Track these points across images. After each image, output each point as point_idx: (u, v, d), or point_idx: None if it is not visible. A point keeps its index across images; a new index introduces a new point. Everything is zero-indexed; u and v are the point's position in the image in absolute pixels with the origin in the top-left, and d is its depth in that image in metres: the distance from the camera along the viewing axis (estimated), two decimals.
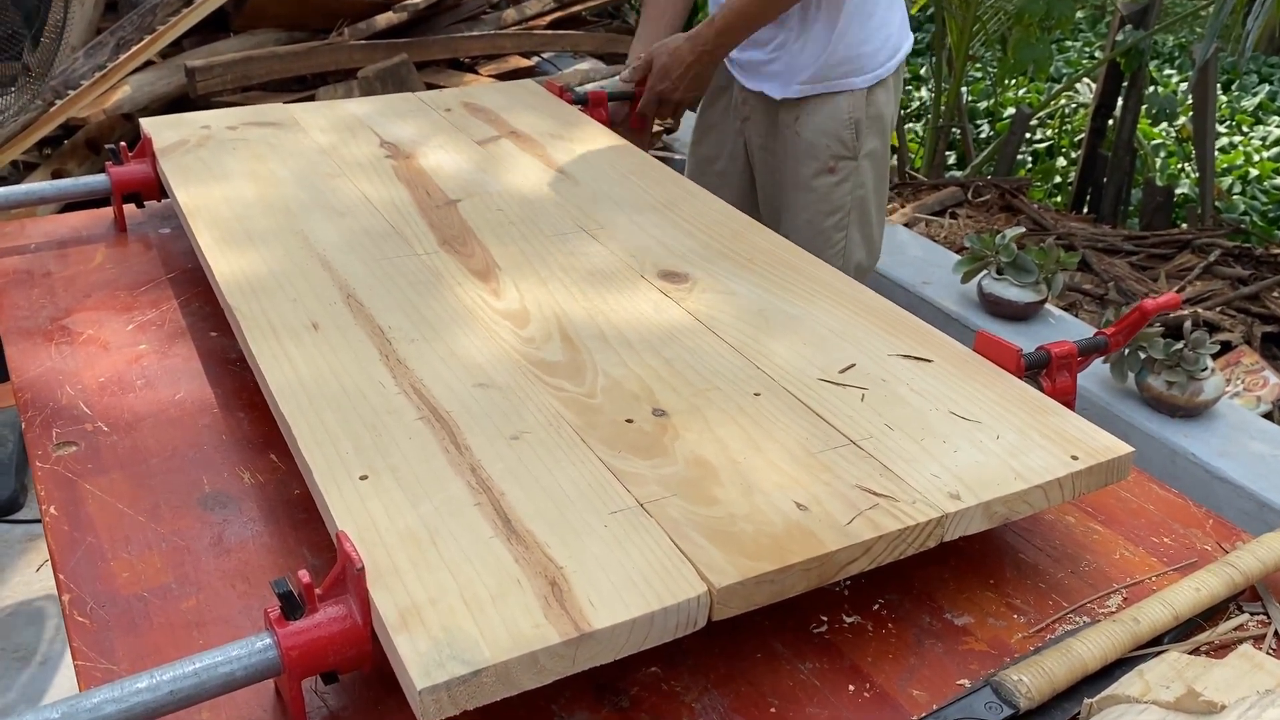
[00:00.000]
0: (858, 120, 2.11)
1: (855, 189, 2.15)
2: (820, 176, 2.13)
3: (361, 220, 1.51)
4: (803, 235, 2.15)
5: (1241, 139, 5.42)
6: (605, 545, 0.93)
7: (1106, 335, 1.31)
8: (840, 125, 2.11)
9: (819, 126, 2.11)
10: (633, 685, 0.94)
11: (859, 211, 2.17)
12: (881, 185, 2.20)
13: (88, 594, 1.02)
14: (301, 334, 1.23)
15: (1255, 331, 3.18)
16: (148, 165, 1.71)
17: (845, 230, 2.17)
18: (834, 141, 2.11)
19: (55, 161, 3.52)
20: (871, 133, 2.14)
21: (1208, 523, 1.17)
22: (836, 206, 2.15)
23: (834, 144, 2.12)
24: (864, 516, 0.98)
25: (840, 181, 2.14)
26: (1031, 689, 0.89)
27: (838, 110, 2.10)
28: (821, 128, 2.11)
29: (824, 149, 2.12)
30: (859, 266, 2.21)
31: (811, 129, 2.12)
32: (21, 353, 1.39)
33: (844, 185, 2.14)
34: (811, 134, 2.12)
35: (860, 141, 2.13)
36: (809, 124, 2.12)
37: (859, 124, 2.11)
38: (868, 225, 2.20)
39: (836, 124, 2.11)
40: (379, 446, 1.05)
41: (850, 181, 2.14)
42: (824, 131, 2.11)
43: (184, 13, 3.56)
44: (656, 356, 1.22)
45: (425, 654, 0.82)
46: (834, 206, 2.15)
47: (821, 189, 2.14)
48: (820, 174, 2.13)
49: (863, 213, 2.18)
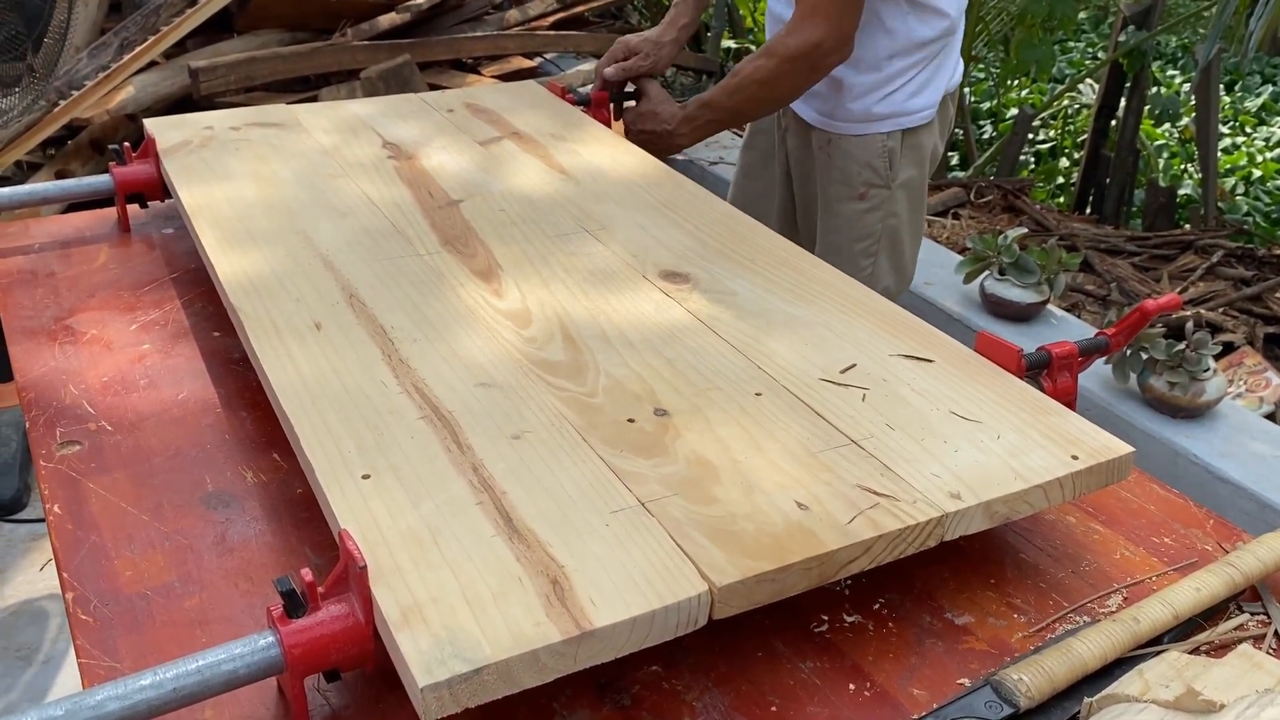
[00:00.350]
0: (892, 150, 2.02)
1: (886, 217, 2.06)
2: (849, 202, 2.05)
3: (364, 220, 1.51)
4: (830, 256, 2.06)
5: (1244, 140, 5.42)
6: (606, 544, 0.93)
7: (1107, 336, 1.31)
8: (873, 154, 2.02)
9: (850, 153, 2.03)
10: (634, 684, 0.95)
11: (890, 239, 2.08)
12: (916, 214, 2.11)
13: (91, 592, 1.02)
14: (304, 334, 1.24)
15: (1258, 332, 3.18)
16: (151, 166, 1.71)
17: (874, 257, 2.08)
18: (865, 169, 2.03)
19: (59, 162, 3.53)
20: (908, 162, 2.04)
21: (1208, 523, 1.17)
22: (866, 233, 2.06)
23: (865, 171, 2.03)
24: (864, 516, 0.98)
25: (870, 210, 2.05)
26: (1031, 688, 0.89)
27: (871, 143, 2.02)
28: (853, 154, 2.03)
29: (855, 175, 2.04)
30: (886, 291, 2.09)
31: (843, 155, 2.04)
32: (25, 352, 1.39)
33: (875, 213, 2.05)
34: (843, 160, 2.04)
35: (895, 171, 2.03)
36: (840, 149, 2.04)
37: (893, 154, 2.03)
38: (899, 254, 2.11)
39: (869, 152, 2.02)
40: (381, 446, 1.05)
41: (882, 210, 2.05)
42: (855, 159, 2.03)
43: (187, 13, 3.57)
44: (658, 356, 1.22)
45: (427, 652, 0.82)
46: (863, 233, 2.06)
47: (850, 215, 2.06)
48: (849, 199, 2.05)
49: (894, 241, 2.09)
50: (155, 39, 3.50)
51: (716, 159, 3.84)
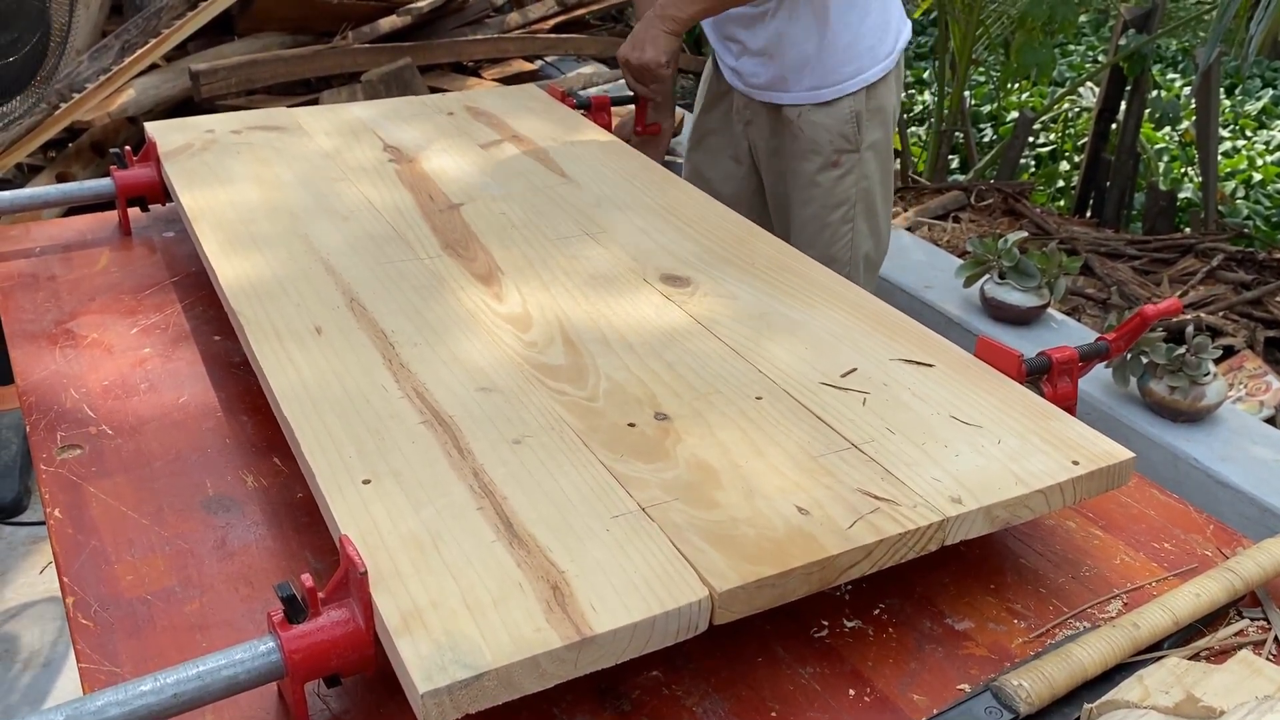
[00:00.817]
0: (858, 113, 2.12)
1: (859, 180, 2.15)
2: (824, 171, 2.14)
3: (364, 224, 1.51)
4: (809, 230, 2.16)
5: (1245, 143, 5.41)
6: (607, 549, 0.93)
7: (1108, 341, 1.31)
8: (841, 120, 2.12)
9: (820, 123, 2.12)
10: (634, 689, 0.95)
11: (865, 203, 2.17)
12: (887, 175, 2.21)
13: (92, 597, 1.02)
14: (305, 338, 1.24)
15: (1258, 336, 3.18)
16: (152, 169, 1.71)
17: (851, 223, 2.17)
18: (835, 136, 2.12)
19: (60, 164, 3.53)
20: (873, 124, 2.14)
21: (1208, 528, 1.17)
22: (842, 199, 2.15)
23: (835, 139, 2.12)
24: (865, 520, 0.98)
25: (844, 174, 2.14)
26: (1031, 694, 0.89)
27: (839, 107, 2.11)
28: (822, 124, 2.12)
29: (826, 144, 2.13)
30: (867, 258, 2.22)
31: (812, 126, 2.12)
32: (26, 356, 1.39)
33: (848, 178, 2.15)
34: (813, 130, 2.12)
35: (862, 134, 2.13)
36: (809, 121, 2.12)
37: (859, 116, 2.12)
38: (874, 216, 2.20)
39: (837, 120, 2.11)
40: (381, 451, 1.05)
41: (854, 174, 2.15)
42: (825, 128, 2.12)
43: (189, 16, 3.57)
44: (658, 360, 1.22)
45: (427, 657, 0.82)
46: (839, 200, 2.15)
47: (826, 183, 2.14)
48: (824, 169, 2.14)
49: (869, 204, 2.18)
50: (156, 42, 3.50)
51: None
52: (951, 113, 4.79)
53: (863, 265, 2.22)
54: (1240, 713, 0.81)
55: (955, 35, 4.59)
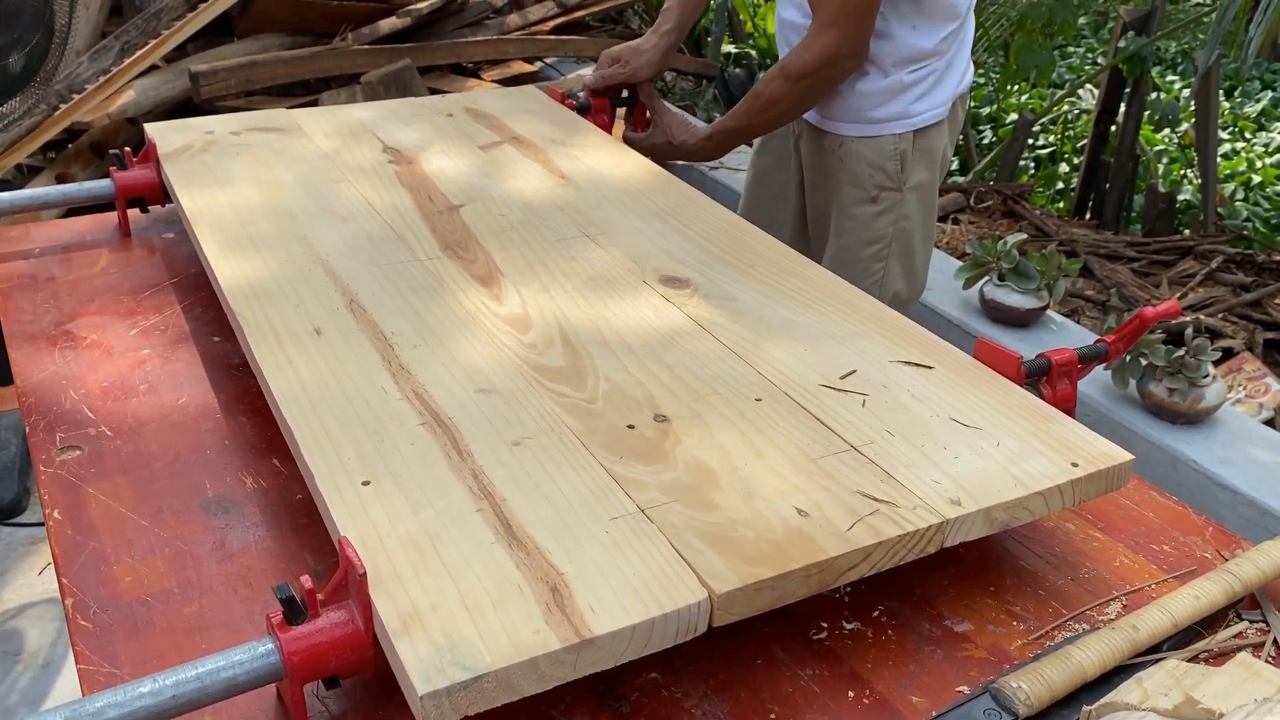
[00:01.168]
0: (904, 153, 2.02)
1: (898, 220, 2.05)
2: (861, 205, 2.05)
3: (364, 225, 1.51)
4: (840, 262, 2.08)
5: (1244, 145, 5.42)
6: (606, 551, 0.93)
7: (1107, 343, 1.32)
8: (885, 157, 2.02)
9: (862, 156, 2.03)
10: (633, 691, 0.95)
11: (901, 243, 2.08)
12: (928, 218, 2.11)
13: (91, 598, 1.02)
14: (304, 339, 1.24)
15: (1257, 338, 3.18)
16: (152, 170, 1.71)
17: (884, 262, 2.08)
18: (877, 172, 2.03)
19: (59, 165, 3.53)
20: (920, 165, 2.04)
21: (1207, 530, 1.17)
22: (877, 237, 2.06)
23: (877, 174, 2.03)
24: (864, 522, 0.98)
25: (882, 212, 2.05)
26: (1030, 696, 0.89)
27: (882, 144, 2.02)
28: (865, 158, 2.02)
29: (867, 178, 2.03)
30: (896, 296, 2.12)
31: (854, 157, 2.03)
32: (25, 357, 1.39)
33: (886, 216, 2.05)
34: (854, 163, 2.03)
35: (906, 173, 2.03)
36: (852, 152, 2.03)
37: (905, 156, 2.02)
38: (910, 257, 2.10)
39: (880, 155, 2.02)
40: (381, 452, 1.05)
41: (893, 213, 2.05)
42: (868, 161, 2.02)
43: (189, 17, 3.57)
44: (658, 362, 1.22)
45: (426, 659, 0.82)
46: (874, 236, 2.06)
47: (863, 218, 2.05)
48: (862, 203, 2.05)
49: (905, 245, 2.08)
50: (156, 43, 3.50)
51: (716, 164, 3.84)
52: None
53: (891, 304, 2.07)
54: (1239, 715, 0.81)
55: None
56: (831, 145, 2.06)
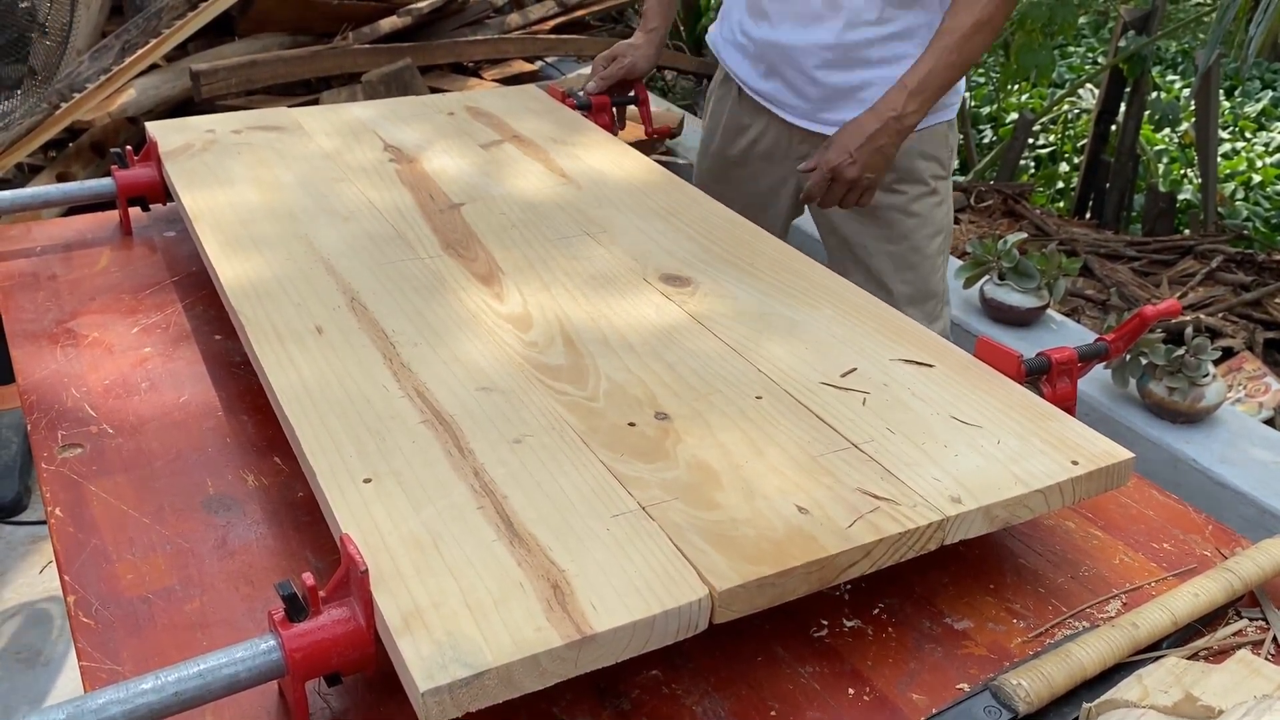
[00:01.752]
0: (948, 136, 2.00)
1: (949, 209, 2.04)
2: (922, 199, 1.99)
3: (365, 224, 1.51)
4: (906, 263, 2.00)
5: (1244, 145, 5.42)
6: (607, 549, 0.94)
7: (1107, 341, 1.32)
8: (938, 145, 1.98)
9: (919, 150, 1.96)
10: (633, 688, 0.95)
11: (950, 230, 2.07)
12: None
13: (92, 596, 1.02)
14: (305, 338, 1.24)
15: (1257, 337, 3.19)
16: (153, 169, 1.72)
17: (944, 253, 2.05)
18: (932, 163, 1.98)
19: (60, 164, 3.53)
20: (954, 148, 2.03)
21: (1207, 528, 1.18)
22: (940, 228, 2.03)
23: (933, 165, 1.98)
24: (865, 520, 0.98)
25: (940, 202, 2.01)
26: (1030, 693, 0.90)
27: (937, 132, 1.97)
28: (921, 150, 1.96)
29: (924, 170, 1.98)
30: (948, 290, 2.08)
31: (910, 153, 1.94)
32: (27, 355, 1.39)
33: (942, 206, 2.02)
34: (909, 159, 1.95)
35: (951, 158, 2.02)
36: (909, 149, 1.93)
37: (949, 140, 2.00)
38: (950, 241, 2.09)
39: (936, 145, 1.97)
40: (382, 450, 1.05)
41: (946, 201, 2.03)
42: (922, 154, 1.97)
43: (189, 16, 3.57)
44: (659, 360, 1.22)
45: (428, 656, 0.83)
46: (937, 228, 2.03)
47: (924, 211, 2.00)
48: (921, 197, 1.99)
49: (950, 230, 2.07)
50: (157, 42, 3.50)
51: None
52: None
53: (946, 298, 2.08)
54: (1238, 712, 0.81)
55: None
56: None
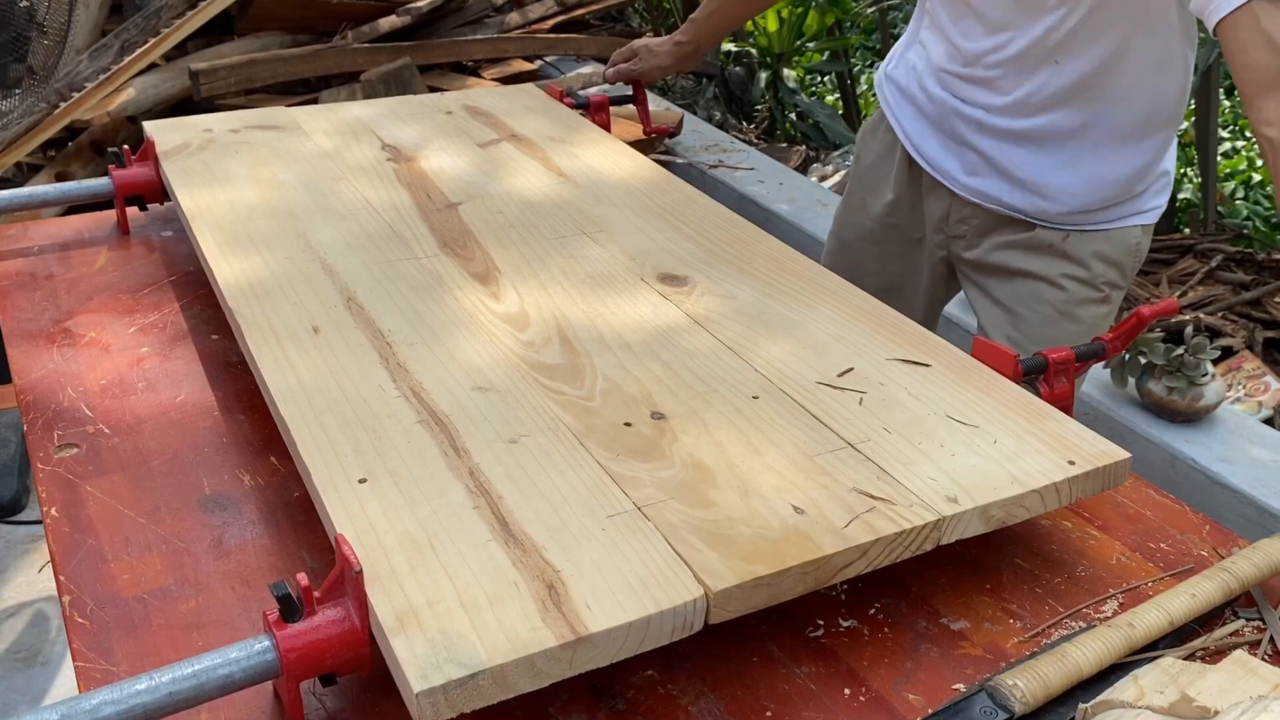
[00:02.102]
0: (1143, 248, 1.76)
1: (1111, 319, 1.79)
2: (1089, 306, 1.75)
3: (362, 223, 1.51)
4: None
5: (1244, 144, 5.41)
6: (603, 549, 0.93)
7: (1104, 341, 1.31)
8: (1126, 253, 1.73)
9: (1098, 250, 1.73)
10: (629, 688, 0.95)
11: None
12: None
13: (88, 595, 1.02)
14: (302, 337, 1.24)
15: (1257, 337, 3.19)
16: (150, 168, 1.71)
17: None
18: (1112, 268, 1.73)
19: (59, 163, 3.53)
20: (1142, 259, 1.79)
21: (1204, 528, 1.17)
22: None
23: (1112, 271, 1.74)
24: (861, 520, 0.98)
25: (1109, 314, 1.77)
26: (1026, 693, 0.90)
27: (1127, 236, 1.73)
28: (1100, 252, 1.73)
29: (1100, 275, 1.74)
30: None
31: (1088, 251, 1.73)
32: (24, 355, 1.39)
33: (1108, 320, 1.77)
34: (1086, 258, 1.73)
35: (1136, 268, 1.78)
36: (1086, 245, 1.72)
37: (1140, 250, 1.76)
38: None
39: (1121, 250, 1.73)
40: (378, 450, 1.05)
41: (1112, 317, 1.78)
42: (1103, 256, 1.73)
43: (188, 15, 3.57)
44: (655, 360, 1.22)
45: (422, 657, 0.82)
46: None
47: (1088, 320, 1.75)
48: (1086, 303, 1.74)
49: None
50: (156, 41, 3.50)
51: (715, 162, 3.83)
52: None
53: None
54: (1234, 712, 0.81)
55: None
56: (1051, 238, 1.74)
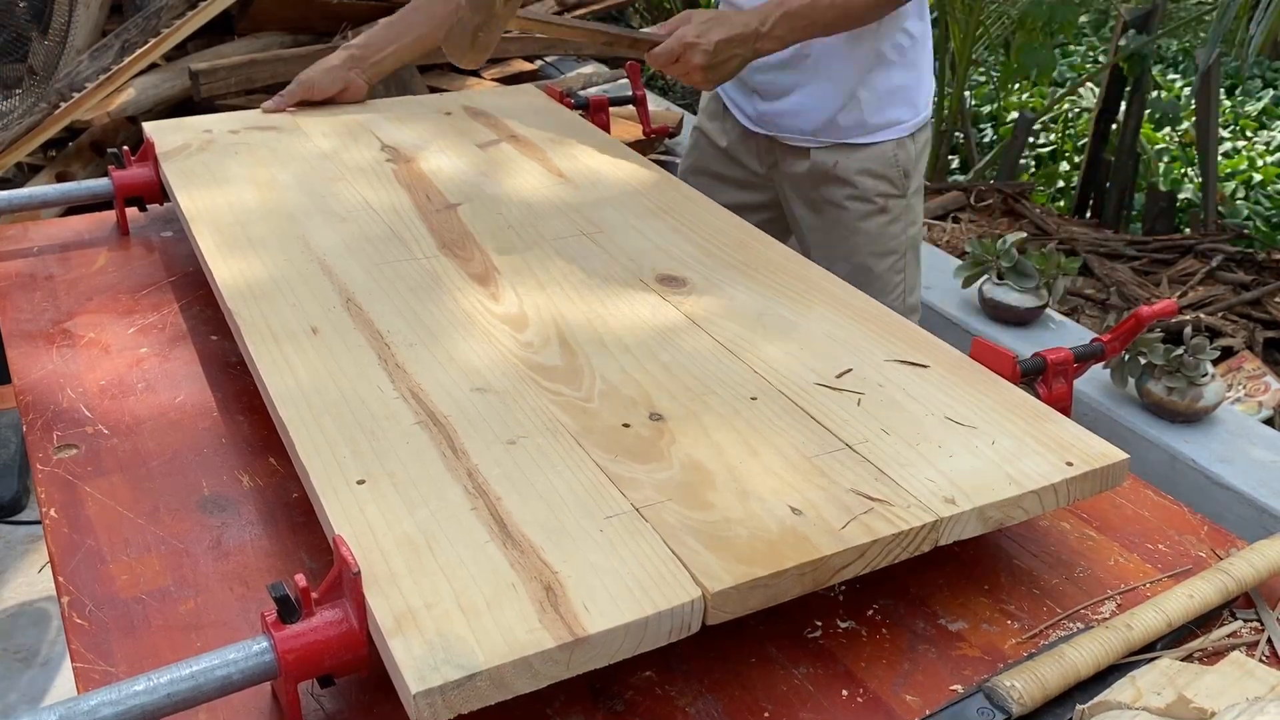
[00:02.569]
0: (902, 156, 1.96)
1: (908, 227, 2.00)
2: (869, 218, 1.97)
3: (362, 224, 1.51)
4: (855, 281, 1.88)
5: (1245, 144, 5.41)
6: (600, 550, 0.94)
7: (1103, 342, 1.32)
8: (887, 165, 1.95)
9: (866, 169, 1.95)
10: (627, 689, 0.95)
11: (914, 251, 2.03)
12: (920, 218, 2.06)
13: (87, 596, 1.02)
14: (301, 338, 1.24)
15: (1257, 337, 3.18)
16: (150, 169, 1.72)
17: (902, 274, 2.01)
18: (882, 181, 1.96)
19: (59, 164, 3.53)
20: (918, 169, 2.00)
21: (1203, 529, 1.17)
22: (891, 249, 1.99)
23: (882, 184, 1.96)
24: (859, 521, 0.98)
25: (892, 222, 1.98)
26: (1024, 694, 0.90)
27: (884, 150, 1.95)
28: (866, 169, 1.95)
29: (871, 190, 1.96)
30: (912, 309, 2.05)
31: (856, 172, 1.95)
32: (23, 355, 1.39)
33: (896, 225, 1.98)
34: (857, 177, 1.95)
35: (909, 178, 1.98)
36: (848, 165, 1.95)
37: (905, 160, 1.97)
38: (919, 264, 2.05)
39: (884, 164, 1.95)
40: (377, 451, 1.05)
41: (902, 220, 1.99)
42: (869, 173, 1.95)
43: (189, 16, 3.57)
44: (654, 361, 1.22)
45: (420, 658, 0.83)
46: (887, 249, 1.99)
47: (873, 230, 1.97)
48: (869, 216, 1.97)
49: (916, 252, 2.04)
50: (156, 41, 3.50)
51: None
52: (951, 113, 4.79)
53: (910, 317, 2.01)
54: (1231, 714, 0.81)
55: (955, 35, 4.59)
56: (827, 162, 1.97)
